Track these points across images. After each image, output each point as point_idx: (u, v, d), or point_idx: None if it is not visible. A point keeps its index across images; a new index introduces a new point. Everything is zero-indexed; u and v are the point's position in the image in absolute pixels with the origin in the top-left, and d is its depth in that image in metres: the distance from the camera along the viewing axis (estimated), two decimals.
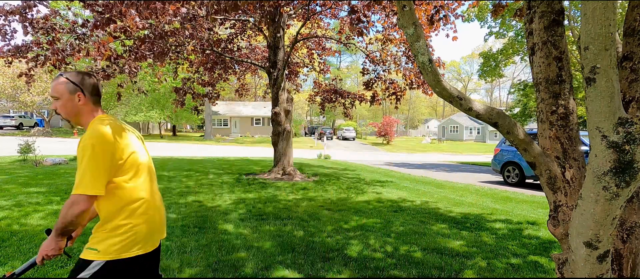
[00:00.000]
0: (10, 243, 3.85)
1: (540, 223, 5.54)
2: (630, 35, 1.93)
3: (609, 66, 1.31)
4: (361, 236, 4.51)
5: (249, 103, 48.84)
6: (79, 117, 1.67)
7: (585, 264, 1.70)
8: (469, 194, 8.24)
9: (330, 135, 44.94)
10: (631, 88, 1.90)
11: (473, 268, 3.57)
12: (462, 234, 4.76)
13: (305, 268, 3.46)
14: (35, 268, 3.00)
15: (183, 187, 7.65)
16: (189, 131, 56.38)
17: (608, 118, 1.36)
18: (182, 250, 3.81)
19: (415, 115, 74.02)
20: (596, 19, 1.28)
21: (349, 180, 9.68)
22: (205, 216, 5.26)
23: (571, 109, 2.02)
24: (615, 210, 1.51)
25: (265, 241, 4.21)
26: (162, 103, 32.53)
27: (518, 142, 2.01)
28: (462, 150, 35.57)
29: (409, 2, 1.96)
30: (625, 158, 1.37)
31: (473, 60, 71.11)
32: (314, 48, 13.31)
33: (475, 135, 56.02)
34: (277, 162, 10.08)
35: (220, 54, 10.45)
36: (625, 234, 1.98)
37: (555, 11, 2.01)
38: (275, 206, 6.01)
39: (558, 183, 1.98)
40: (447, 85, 2.04)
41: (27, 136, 23.48)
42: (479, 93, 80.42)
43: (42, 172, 9.08)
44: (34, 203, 5.66)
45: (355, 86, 68.10)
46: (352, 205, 6.43)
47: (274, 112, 10.14)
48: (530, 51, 2.13)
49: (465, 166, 17.64)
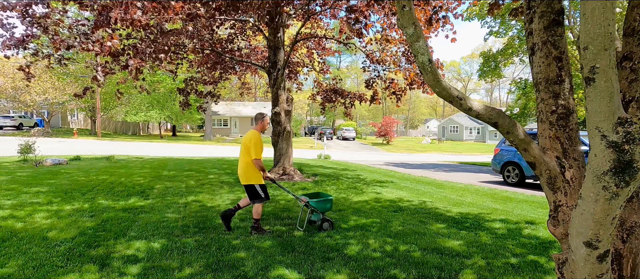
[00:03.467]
0: (11, 243, 3.85)
1: (540, 222, 5.54)
2: (630, 35, 1.93)
3: (608, 66, 1.31)
4: (361, 236, 4.51)
5: (249, 103, 48.83)
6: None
7: (585, 264, 1.70)
8: (468, 194, 8.24)
9: (330, 135, 44.91)
10: (631, 88, 1.90)
11: (472, 268, 3.57)
12: (461, 234, 4.77)
13: (305, 267, 3.46)
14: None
15: (183, 187, 7.65)
16: (189, 131, 56.35)
17: (608, 118, 1.37)
18: (182, 250, 3.81)
19: (415, 115, 74.01)
20: (595, 19, 1.28)
21: (348, 180, 9.68)
22: (205, 216, 5.26)
23: (571, 109, 2.02)
24: (615, 210, 1.51)
25: (265, 241, 4.21)
26: (162, 103, 32.51)
27: (518, 142, 2.01)
28: (462, 150, 35.56)
29: (408, 2, 1.96)
30: (624, 157, 1.38)
31: (473, 60, 71.08)
32: (313, 48, 13.31)
33: (475, 135, 56.01)
34: (277, 162, 10.08)
35: (220, 54, 10.45)
36: (625, 234, 1.98)
37: (555, 11, 2.01)
38: (275, 206, 6.01)
39: (558, 183, 1.98)
40: (447, 85, 2.04)
41: (27, 136, 23.48)
42: (479, 93, 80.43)
43: (43, 172, 9.09)
44: (34, 203, 5.66)
45: (355, 86, 68.12)
46: (351, 204, 6.43)
47: (274, 112, 10.13)
48: (530, 51, 2.13)
49: (465, 166, 17.64)
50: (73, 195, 6.37)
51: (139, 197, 6.45)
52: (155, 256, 3.62)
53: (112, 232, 4.35)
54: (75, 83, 28.68)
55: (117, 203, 5.88)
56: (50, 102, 27.67)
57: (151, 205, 5.89)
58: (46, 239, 4.02)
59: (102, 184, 7.62)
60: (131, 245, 3.91)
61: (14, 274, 3.12)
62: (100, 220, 4.87)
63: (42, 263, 3.35)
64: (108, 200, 6.13)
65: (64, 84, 27.90)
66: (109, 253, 3.67)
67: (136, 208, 5.59)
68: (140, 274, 3.20)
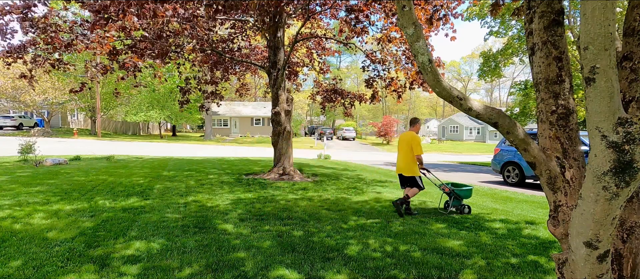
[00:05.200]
0: (11, 243, 3.85)
1: (540, 223, 5.54)
2: (630, 35, 1.93)
3: (608, 66, 1.31)
4: (361, 236, 4.51)
5: (249, 103, 48.81)
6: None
7: (585, 264, 1.70)
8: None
9: (330, 135, 44.91)
10: (631, 88, 1.90)
11: (472, 268, 3.57)
12: (462, 234, 4.76)
13: (305, 267, 3.46)
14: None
15: (183, 187, 7.65)
16: (189, 131, 56.35)
17: (608, 118, 1.37)
18: (182, 250, 3.81)
19: (415, 115, 73.96)
20: (596, 19, 1.28)
21: (348, 180, 9.68)
22: (205, 216, 5.26)
23: (571, 109, 2.02)
24: (615, 210, 1.51)
25: (265, 241, 4.21)
26: (162, 103, 32.50)
27: (518, 142, 2.01)
28: (462, 150, 35.56)
29: (408, 2, 1.96)
30: (624, 158, 1.37)
31: (473, 60, 71.07)
32: (313, 48, 13.31)
33: (475, 135, 56.00)
34: (277, 162, 10.08)
35: (220, 54, 10.45)
36: (625, 234, 1.98)
37: (555, 11, 2.01)
38: (275, 206, 6.01)
39: (558, 183, 1.98)
40: (447, 85, 2.04)
41: (27, 136, 23.47)
42: (479, 93, 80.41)
43: (43, 172, 9.09)
44: (34, 203, 5.66)
45: (355, 86, 68.09)
46: (351, 204, 6.43)
47: (274, 112, 10.13)
48: (530, 51, 2.13)
49: (465, 166, 17.63)
50: (73, 195, 6.37)
51: (139, 197, 6.45)
52: (155, 256, 3.61)
53: (111, 232, 4.34)
54: (75, 84, 28.68)
55: (117, 203, 5.88)
56: (50, 102, 27.69)
57: (151, 205, 5.89)
58: (46, 239, 4.02)
59: (102, 184, 7.62)
60: (131, 245, 3.90)
61: (13, 275, 3.12)
62: (100, 220, 4.87)
63: (41, 263, 3.35)
64: (108, 200, 6.12)
65: (63, 84, 27.92)
66: (108, 253, 3.67)
67: (136, 208, 5.59)
68: (140, 275, 3.20)
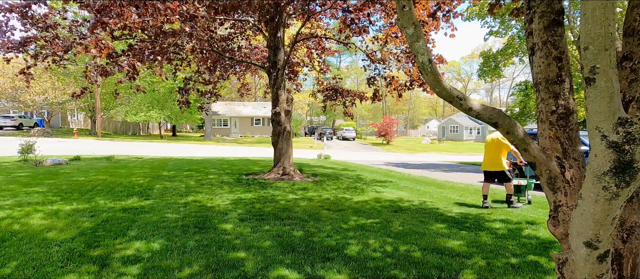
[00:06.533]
0: (11, 243, 3.85)
1: (540, 223, 5.54)
2: (630, 35, 1.93)
3: (608, 66, 1.31)
4: (361, 236, 4.51)
5: (249, 103, 48.81)
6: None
7: (585, 264, 1.70)
8: (468, 194, 8.24)
9: (330, 135, 44.92)
10: (631, 88, 1.90)
11: (472, 268, 3.57)
12: (462, 234, 4.76)
13: (305, 267, 3.46)
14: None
15: (183, 187, 7.65)
16: (189, 131, 56.34)
17: (608, 118, 1.36)
18: (182, 250, 3.81)
19: (415, 115, 73.99)
20: (596, 19, 1.28)
21: (348, 180, 9.68)
22: (205, 216, 5.26)
23: (571, 109, 2.01)
24: (615, 210, 1.51)
25: (265, 241, 4.21)
26: (162, 103, 32.50)
27: (518, 142, 2.01)
28: (462, 150, 35.56)
29: (408, 2, 1.96)
30: (625, 158, 1.37)
31: (473, 60, 71.08)
32: (313, 48, 13.32)
33: (475, 135, 55.98)
34: (277, 162, 10.08)
35: (220, 54, 10.45)
36: (625, 234, 1.98)
37: (555, 11, 2.01)
38: (275, 206, 6.01)
39: (558, 183, 1.98)
40: (447, 86, 2.04)
41: (27, 136, 23.47)
42: (479, 93, 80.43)
43: (43, 172, 9.09)
44: (34, 203, 5.66)
45: (355, 86, 68.09)
46: (351, 205, 6.43)
47: (274, 112, 10.13)
48: (530, 51, 2.13)
49: (466, 166, 17.63)
50: (73, 195, 6.37)
51: (139, 197, 6.44)
52: (155, 256, 3.61)
53: (111, 232, 4.34)
54: (75, 84, 28.70)
55: (117, 203, 5.87)
56: (50, 102, 27.69)
57: (151, 205, 5.89)
58: (46, 239, 4.02)
59: (101, 184, 7.62)
60: (131, 245, 3.90)
61: (13, 275, 3.12)
62: (99, 220, 4.87)
63: (41, 263, 3.35)
64: (108, 200, 6.12)
65: (64, 84, 27.92)
66: (108, 253, 3.67)
67: (136, 208, 5.59)
68: (140, 275, 3.20)
